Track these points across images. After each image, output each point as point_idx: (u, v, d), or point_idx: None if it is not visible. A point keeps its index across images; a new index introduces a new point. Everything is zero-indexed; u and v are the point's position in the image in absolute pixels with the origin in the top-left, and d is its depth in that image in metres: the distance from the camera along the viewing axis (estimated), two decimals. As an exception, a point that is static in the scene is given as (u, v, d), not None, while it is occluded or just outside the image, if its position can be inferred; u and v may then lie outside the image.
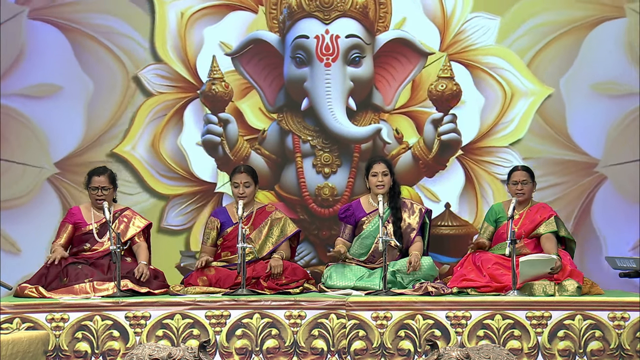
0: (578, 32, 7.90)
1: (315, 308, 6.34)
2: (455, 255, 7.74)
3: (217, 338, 6.32)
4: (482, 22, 7.93)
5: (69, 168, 7.97)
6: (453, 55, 7.94)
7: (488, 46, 7.94)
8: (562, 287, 6.57)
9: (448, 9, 7.94)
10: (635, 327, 6.22)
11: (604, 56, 7.87)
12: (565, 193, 7.84)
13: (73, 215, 7.09)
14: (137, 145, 8.05)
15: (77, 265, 6.78)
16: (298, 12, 7.91)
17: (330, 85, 7.86)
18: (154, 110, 8.04)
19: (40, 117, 8.03)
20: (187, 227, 8.04)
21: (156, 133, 8.05)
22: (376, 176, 7.06)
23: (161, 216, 8.03)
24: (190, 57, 8.03)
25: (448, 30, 7.94)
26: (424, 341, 6.25)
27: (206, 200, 8.04)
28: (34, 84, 8.02)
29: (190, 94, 8.05)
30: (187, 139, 8.04)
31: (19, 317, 6.29)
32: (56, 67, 7.99)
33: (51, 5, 7.99)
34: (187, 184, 8.05)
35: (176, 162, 8.05)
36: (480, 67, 7.93)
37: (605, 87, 7.91)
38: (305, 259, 7.97)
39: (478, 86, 7.95)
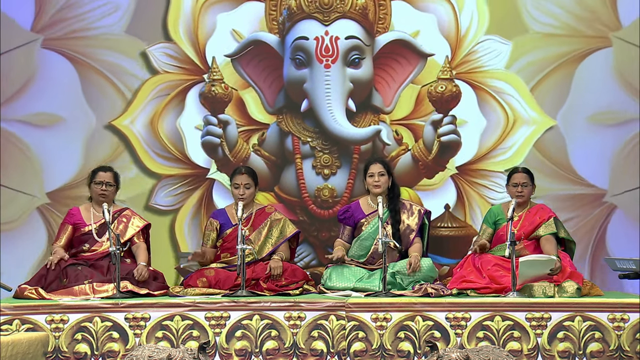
0: (567, 66, 7.90)
1: (315, 309, 6.34)
2: (454, 257, 7.74)
3: (216, 339, 6.32)
4: (494, 46, 7.93)
5: (60, 200, 7.94)
6: (461, 74, 7.93)
7: (497, 70, 7.94)
8: (562, 288, 6.57)
9: (463, 28, 7.94)
10: (635, 328, 6.22)
11: (597, 87, 7.87)
12: (578, 227, 7.82)
13: (72, 216, 7.09)
14: (136, 121, 8.03)
15: (77, 267, 6.78)
16: (298, 14, 7.91)
17: (330, 86, 7.86)
18: (157, 88, 8.04)
19: (38, 146, 8.03)
20: (174, 209, 8.03)
21: (156, 111, 8.04)
22: (373, 176, 7.07)
23: (150, 194, 8.02)
24: (201, 40, 8.02)
25: (460, 49, 7.94)
26: (423, 342, 6.24)
27: (197, 185, 8.03)
28: (37, 112, 8.01)
29: (196, 77, 8.04)
30: (186, 121, 8.03)
31: (19, 319, 6.29)
32: (61, 98, 7.99)
33: (65, 37, 7.98)
34: (180, 166, 8.04)
35: (172, 143, 8.04)
36: (487, 90, 7.93)
37: (602, 117, 7.90)
38: (305, 260, 7.97)
39: (482, 108, 7.94)
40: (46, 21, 8.00)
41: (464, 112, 7.94)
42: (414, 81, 7.98)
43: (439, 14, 7.97)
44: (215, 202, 8.02)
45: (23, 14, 7.99)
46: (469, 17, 7.95)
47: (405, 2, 7.97)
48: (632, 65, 7.86)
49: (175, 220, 8.04)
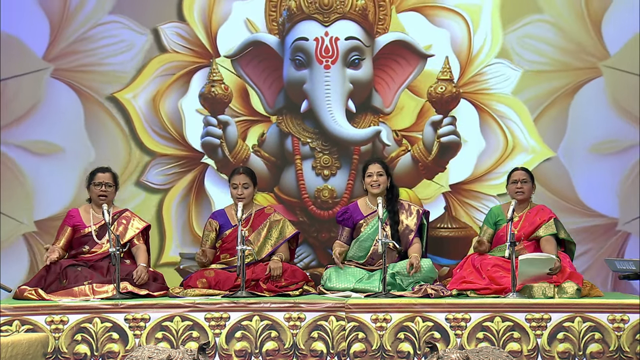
0: (562, 100, 7.89)
1: (315, 310, 6.34)
2: (454, 258, 7.74)
3: (216, 340, 6.32)
4: (503, 70, 7.91)
5: (48, 229, 7.88)
6: (467, 93, 7.92)
7: (503, 94, 7.92)
8: (562, 289, 6.57)
9: (475, 48, 7.92)
10: (634, 329, 6.22)
11: (593, 117, 7.86)
12: (595, 259, 7.78)
13: (72, 218, 7.09)
14: (138, 96, 8.02)
15: (77, 268, 6.78)
16: (297, 15, 7.91)
17: (330, 87, 7.86)
18: (164, 67, 8.02)
19: (34, 173, 7.99)
20: (164, 188, 8.01)
21: (160, 89, 8.02)
22: (371, 176, 7.08)
23: (143, 170, 8.01)
24: (214, 25, 8.01)
25: (469, 68, 7.93)
26: (423, 343, 6.25)
27: (190, 168, 8.02)
28: (37, 139, 7.99)
29: (203, 61, 8.03)
30: (188, 103, 8.02)
31: (19, 320, 6.29)
32: (63, 128, 7.97)
33: (76, 69, 7.97)
34: (176, 146, 8.03)
35: (171, 123, 8.03)
36: (490, 113, 7.91)
37: (603, 146, 7.88)
38: (305, 261, 7.96)
39: (483, 130, 7.93)
40: (59, 51, 7.99)
41: (464, 131, 7.93)
42: (418, 94, 7.96)
43: (453, 30, 7.95)
44: (206, 187, 8.00)
45: (37, 41, 7.98)
46: (483, 38, 7.94)
47: (421, 15, 7.95)
48: (625, 92, 7.85)
49: (164, 199, 8.02)
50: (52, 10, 7.99)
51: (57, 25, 7.99)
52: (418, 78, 7.96)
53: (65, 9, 8.00)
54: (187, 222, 8.00)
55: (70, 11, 8.00)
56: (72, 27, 8.00)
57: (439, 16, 7.96)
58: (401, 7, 7.96)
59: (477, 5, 7.94)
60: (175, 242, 8.00)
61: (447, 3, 7.94)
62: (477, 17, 7.94)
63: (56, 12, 7.99)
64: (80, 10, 8.00)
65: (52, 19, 7.99)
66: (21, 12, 7.98)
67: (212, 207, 7.96)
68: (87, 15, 7.99)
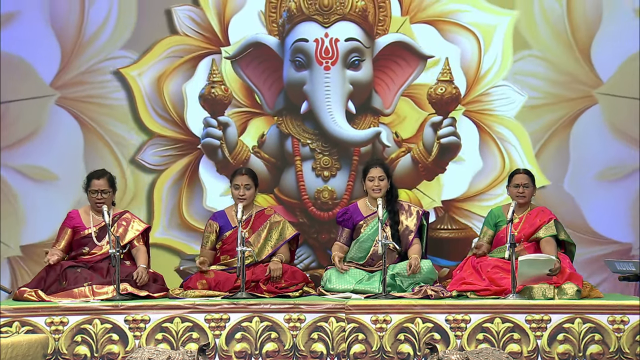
0: (561, 132, 7.88)
1: (315, 311, 6.34)
2: (454, 259, 7.74)
3: (216, 341, 6.32)
4: (509, 93, 7.89)
5: (32, 256, 7.85)
6: (470, 112, 7.92)
7: (506, 117, 7.91)
8: (562, 290, 6.57)
9: (483, 68, 7.91)
10: (634, 330, 6.22)
11: (594, 145, 7.85)
12: (615, 287, 7.69)
13: (72, 219, 7.08)
14: (143, 74, 8.01)
15: (77, 269, 6.77)
16: (297, 16, 7.91)
17: (330, 88, 7.86)
18: (172, 49, 8.01)
19: (26, 198, 7.97)
20: (158, 169, 8.01)
21: (166, 70, 8.01)
22: (373, 180, 7.07)
23: (139, 149, 8.01)
24: (227, 13, 7.99)
25: (475, 87, 7.91)
26: (423, 344, 6.24)
27: (187, 152, 8.01)
28: (34, 164, 7.98)
29: (213, 48, 8.01)
30: (192, 87, 8.00)
31: (18, 321, 6.29)
32: (61, 156, 7.95)
33: (81, 99, 7.96)
34: (175, 129, 8.02)
35: (173, 105, 8.02)
36: (491, 134, 7.91)
37: (608, 172, 7.87)
38: (305, 263, 7.96)
39: (482, 149, 7.92)
40: (67, 80, 7.99)
41: (463, 149, 7.93)
42: (421, 105, 7.95)
43: (464, 47, 7.93)
44: (200, 173, 8.00)
45: (46, 67, 7.97)
46: (492, 59, 7.93)
47: (434, 28, 7.94)
48: (622, 116, 7.84)
49: (157, 181, 8.02)
50: (66, 38, 7.98)
51: (69, 54, 7.98)
52: (421, 90, 7.95)
53: (79, 38, 7.98)
54: (177, 205, 8.00)
55: (84, 41, 7.98)
56: (83, 57, 7.99)
57: (452, 32, 7.94)
58: (415, 18, 7.94)
59: (492, 25, 7.92)
60: (163, 224, 8.00)
61: (462, 20, 7.92)
62: (489, 38, 7.92)
63: (69, 41, 7.98)
64: (94, 42, 7.99)
65: (65, 46, 7.98)
66: (34, 36, 7.96)
67: (204, 193, 7.98)
68: (100, 47, 7.98)
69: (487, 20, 7.93)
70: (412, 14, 7.94)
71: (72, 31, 7.98)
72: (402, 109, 7.98)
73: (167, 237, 7.99)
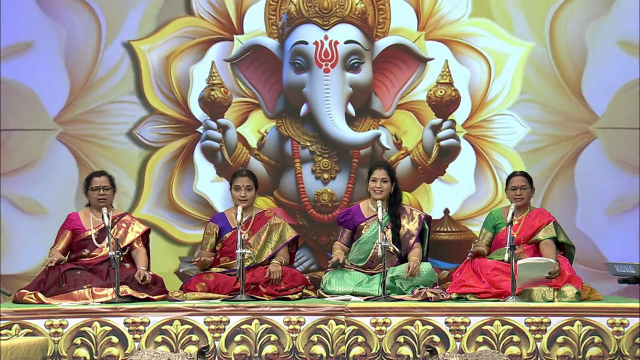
0: (565, 171, 7.89)
1: (314, 314, 6.34)
2: (454, 261, 7.74)
3: (216, 344, 6.32)
4: (512, 123, 7.89)
5: (8, 285, 7.57)
6: (470, 136, 7.94)
7: (506, 147, 7.94)
8: (561, 292, 6.57)
9: (491, 94, 7.91)
10: (634, 333, 6.22)
11: (600, 179, 7.88)
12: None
13: (72, 221, 7.08)
14: (153, 50, 8.00)
15: (76, 271, 6.77)
16: (297, 18, 7.92)
17: (329, 90, 7.86)
18: (186, 29, 8.00)
19: (13, 228, 7.96)
20: (153, 146, 8.02)
21: (176, 50, 8.01)
22: (375, 182, 7.06)
23: (137, 124, 8.01)
24: (245, 3, 7.98)
25: (479, 112, 7.93)
26: (423, 347, 6.24)
27: (184, 133, 8.03)
28: (26, 195, 7.97)
29: (226, 34, 8.00)
30: (199, 70, 8.00)
31: (18, 323, 6.29)
32: (54, 191, 7.92)
33: (82, 137, 7.95)
34: (176, 109, 8.03)
35: (178, 85, 8.03)
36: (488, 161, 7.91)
37: (617, 205, 7.88)
38: (304, 265, 7.96)
39: (476, 175, 7.95)
40: (71, 116, 8.00)
41: (458, 171, 7.95)
42: (424, 122, 7.95)
43: (474, 71, 7.94)
44: (194, 156, 8.01)
45: (53, 101, 7.99)
46: (501, 87, 7.94)
47: (448, 48, 7.93)
48: (623, 147, 7.86)
49: (151, 157, 8.01)
50: (77, 75, 7.99)
51: (78, 91, 7.99)
52: (423, 106, 7.95)
53: (89, 77, 7.99)
54: (167, 185, 8.01)
55: (94, 81, 8.00)
56: (90, 97, 8.00)
57: (465, 54, 7.95)
58: (431, 35, 7.94)
59: (505, 53, 7.92)
60: (150, 201, 8.02)
61: (476, 44, 7.93)
62: (501, 65, 7.93)
63: (80, 78, 7.99)
64: (104, 83, 8.00)
65: (75, 83, 7.99)
66: (46, 68, 7.97)
67: (195, 177, 8.00)
68: (109, 89, 8.00)
69: (501, 47, 7.93)
70: (428, 30, 7.94)
71: (84, 69, 8.00)
72: (403, 121, 7.99)
73: (153, 214, 8.00)
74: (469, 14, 7.94)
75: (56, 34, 7.97)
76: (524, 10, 7.93)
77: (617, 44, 7.88)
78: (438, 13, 7.95)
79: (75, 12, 7.98)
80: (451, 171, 7.98)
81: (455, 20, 7.95)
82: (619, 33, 7.87)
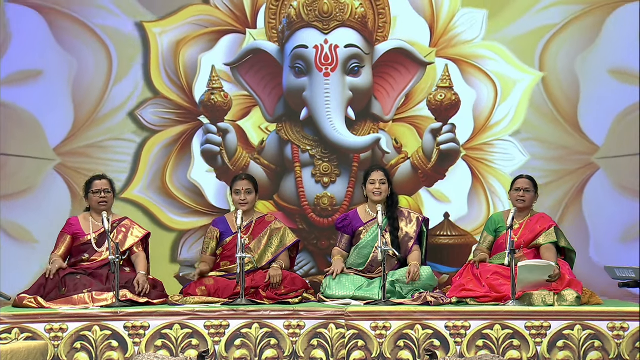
0: (572, 205, 7.85)
1: (314, 318, 6.34)
2: (454, 265, 7.74)
3: (216, 348, 6.31)
4: (512, 150, 7.83)
5: None
6: (469, 158, 7.90)
7: (502, 173, 7.87)
8: (561, 297, 6.57)
9: (494, 119, 7.88)
10: (634, 337, 6.21)
11: (608, 209, 7.80)
12: None
13: (71, 226, 7.09)
14: (165, 34, 7.95)
15: (76, 276, 6.77)
16: (297, 22, 7.92)
17: (329, 94, 7.86)
18: (199, 17, 7.98)
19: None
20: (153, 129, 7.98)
21: (187, 36, 7.97)
22: (374, 184, 7.08)
23: (139, 105, 7.98)
24: (260, 1, 8.01)
25: (481, 135, 7.88)
26: (423, 351, 6.24)
27: (185, 120, 7.99)
28: (16, 222, 7.92)
29: (239, 27, 8.00)
30: (208, 60, 7.98)
31: (18, 327, 6.29)
32: (45, 222, 7.80)
33: (79, 170, 7.91)
34: (180, 95, 7.99)
35: (185, 72, 7.97)
36: (483, 184, 7.87)
37: (631, 232, 7.79)
38: (305, 269, 7.96)
39: (470, 197, 7.90)
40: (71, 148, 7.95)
41: (452, 191, 7.94)
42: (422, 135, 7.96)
43: (480, 93, 7.92)
44: (193, 144, 8.00)
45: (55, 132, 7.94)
46: (505, 113, 7.92)
47: (456, 67, 7.92)
48: (627, 175, 7.79)
49: (149, 140, 8.00)
50: (82, 108, 7.96)
51: (81, 124, 7.97)
52: (425, 122, 7.95)
53: (95, 112, 7.97)
54: (162, 169, 8.00)
55: (99, 116, 7.98)
56: (93, 131, 7.98)
57: (473, 75, 7.93)
58: (442, 53, 7.92)
59: (513, 79, 7.90)
60: (143, 183, 8.00)
61: (486, 66, 7.91)
62: (508, 91, 7.91)
63: (85, 112, 7.97)
64: (107, 120, 7.98)
65: (79, 116, 7.97)
66: (52, 98, 7.95)
67: (191, 165, 7.99)
68: (112, 126, 7.98)
69: (510, 73, 7.90)
70: (440, 48, 7.93)
71: (90, 103, 7.99)
72: (404, 135, 7.99)
73: (144, 196, 7.99)
74: (483, 37, 7.93)
75: (67, 65, 7.95)
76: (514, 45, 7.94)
77: (608, 73, 7.86)
78: (452, 31, 7.94)
79: (89, 46, 7.96)
80: (445, 190, 7.96)
81: (468, 41, 7.93)
82: (609, 62, 7.85)
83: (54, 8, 7.97)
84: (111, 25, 7.98)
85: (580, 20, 7.86)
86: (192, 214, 7.91)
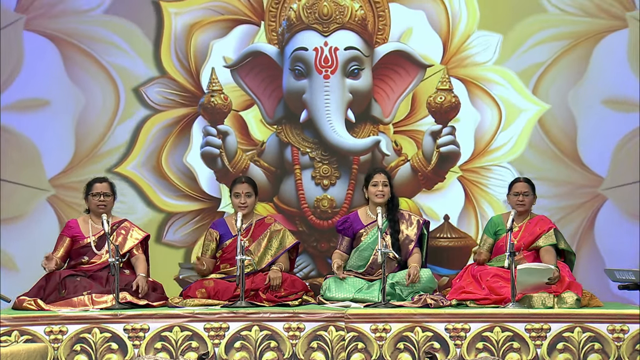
0: (585, 238, 7.83)
1: (314, 320, 6.34)
2: (454, 268, 7.73)
3: (215, 350, 6.31)
4: (508, 177, 7.70)
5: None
6: (464, 179, 7.90)
7: (496, 198, 7.86)
8: (561, 299, 6.57)
9: (496, 143, 7.87)
10: (634, 339, 6.22)
11: (621, 239, 7.76)
12: None
13: (71, 229, 7.09)
14: (180, 15, 7.95)
15: (76, 278, 6.77)
16: (297, 25, 7.92)
17: (329, 97, 7.86)
18: (217, 3, 7.96)
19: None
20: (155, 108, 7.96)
21: (202, 20, 7.97)
22: (376, 186, 7.08)
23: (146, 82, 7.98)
24: None
25: (480, 158, 7.88)
26: (423, 353, 6.24)
27: (189, 103, 8.00)
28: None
29: (254, 19, 7.99)
30: (219, 47, 7.98)
31: (18, 330, 6.29)
32: (30, 252, 7.70)
33: (71, 205, 7.90)
34: (187, 77, 7.99)
35: (195, 55, 7.97)
36: (475, 207, 7.86)
37: None
38: (304, 271, 7.96)
39: (461, 216, 7.91)
40: (66, 182, 7.92)
41: (443, 210, 7.91)
42: None
43: (484, 116, 7.89)
44: (193, 128, 7.99)
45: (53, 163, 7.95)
46: (507, 139, 7.89)
47: (464, 86, 7.90)
48: (635, 202, 7.78)
49: (150, 118, 7.97)
50: (84, 143, 7.94)
51: (79, 159, 7.94)
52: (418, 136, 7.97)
53: (95, 148, 7.95)
54: (158, 149, 7.99)
55: (98, 153, 7.94)
56: (90, 168, 7.90)
57: (479, 97, 7.92)
58: (452, 71, 7.90)
59: (519, 107, 7.88)
60: (138, 160, 7.98)
61: (493, 90, 7.89)
62: (512, 118, 7.89)
63: (85, 147, 7.95)
64: (107, 157, 7.96)
65: (79, 151, 7.94)
66: (54, 129, 7.92)
67: (188, 149, 7.99)
68: (111, 164, 7.94)
69: (517, 101, 7.89)
70: (451, 66, 7.91)
71: (92, 139, 7.98)
72: (404, 147, 7.98)
73: (137, 174, 7.98)
74: (495, 61, 7.92)
75: (74, 98, 7.94)
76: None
77: (602, 104, 7.85)
78: (465, 52, 7.92)
79: (98, 82, 7.97)
80: (436, 208, 7.95)
81: (479, 63, 7.91)
82: (601, 92, 7.83)
83: (69, 40, 7.97)
84: (121, 64, 7.99)
85: (567, 55, 7.87)
86: (183, 198, 7.90)
